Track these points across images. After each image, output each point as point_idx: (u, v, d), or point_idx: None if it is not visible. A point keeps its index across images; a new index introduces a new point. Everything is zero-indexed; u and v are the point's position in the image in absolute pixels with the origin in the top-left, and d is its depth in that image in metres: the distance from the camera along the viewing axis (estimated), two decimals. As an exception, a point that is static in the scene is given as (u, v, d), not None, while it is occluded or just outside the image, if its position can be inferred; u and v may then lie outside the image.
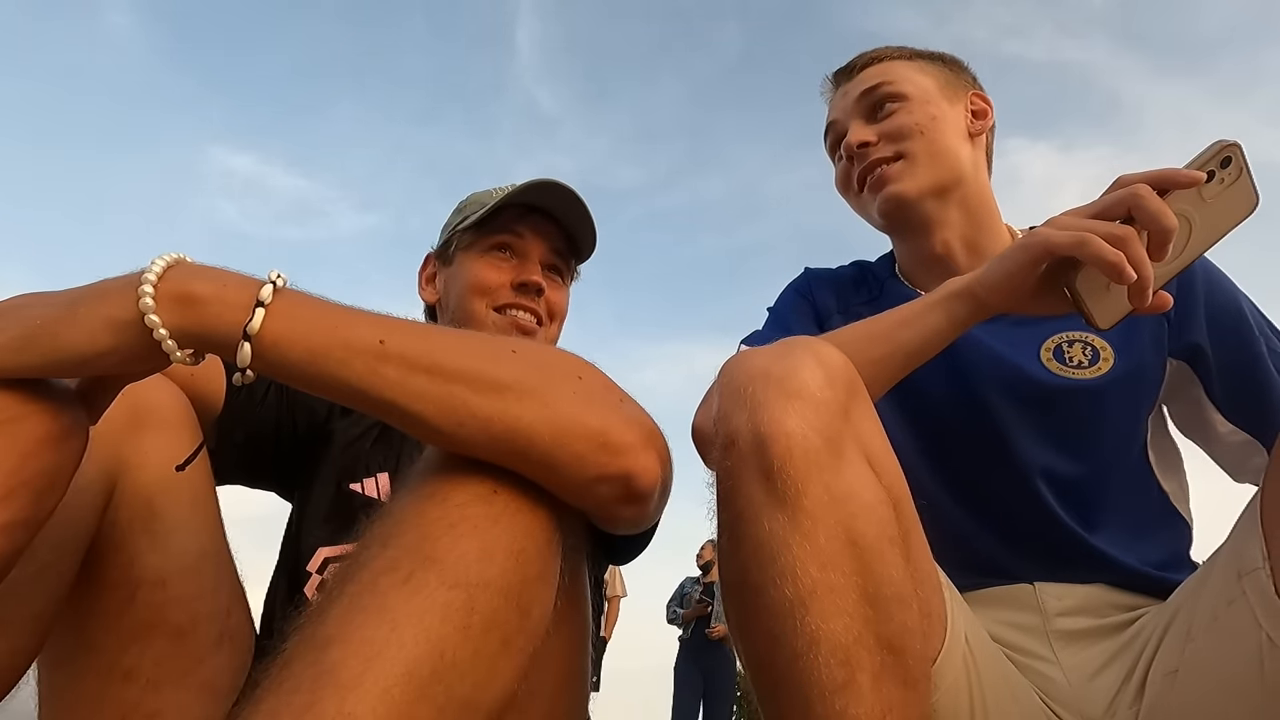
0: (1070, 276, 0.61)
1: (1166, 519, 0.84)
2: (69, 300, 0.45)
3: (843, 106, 0.95)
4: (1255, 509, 0.61)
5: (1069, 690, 0.73)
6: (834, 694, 0.47)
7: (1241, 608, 0.59)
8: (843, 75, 0.97)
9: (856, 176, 0.92)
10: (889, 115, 0.90)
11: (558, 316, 0.99)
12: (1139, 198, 0.58)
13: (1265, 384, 0.80)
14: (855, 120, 0.92)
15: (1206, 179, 0.60)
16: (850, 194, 0.96)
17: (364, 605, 0.40)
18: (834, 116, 0.96)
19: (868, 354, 0.66)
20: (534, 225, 0.97)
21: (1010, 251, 0.65)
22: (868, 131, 0.90)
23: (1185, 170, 0.60)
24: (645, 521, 0.55)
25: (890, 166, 0.88)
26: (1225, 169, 0.60)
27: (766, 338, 0.92)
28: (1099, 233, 0.58)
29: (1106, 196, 0.61)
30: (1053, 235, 0.61)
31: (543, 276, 0.96)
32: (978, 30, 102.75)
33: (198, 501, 0.65)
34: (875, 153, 0.89)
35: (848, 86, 0.95)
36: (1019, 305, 0.66)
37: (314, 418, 0.90)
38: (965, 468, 0.83)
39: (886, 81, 0.91)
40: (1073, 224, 0.60)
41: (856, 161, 0.91)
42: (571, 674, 0.61)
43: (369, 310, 0.49)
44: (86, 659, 0.60)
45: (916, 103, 0.90)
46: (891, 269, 0.97)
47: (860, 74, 0.94)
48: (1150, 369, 0.82)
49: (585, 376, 0.50)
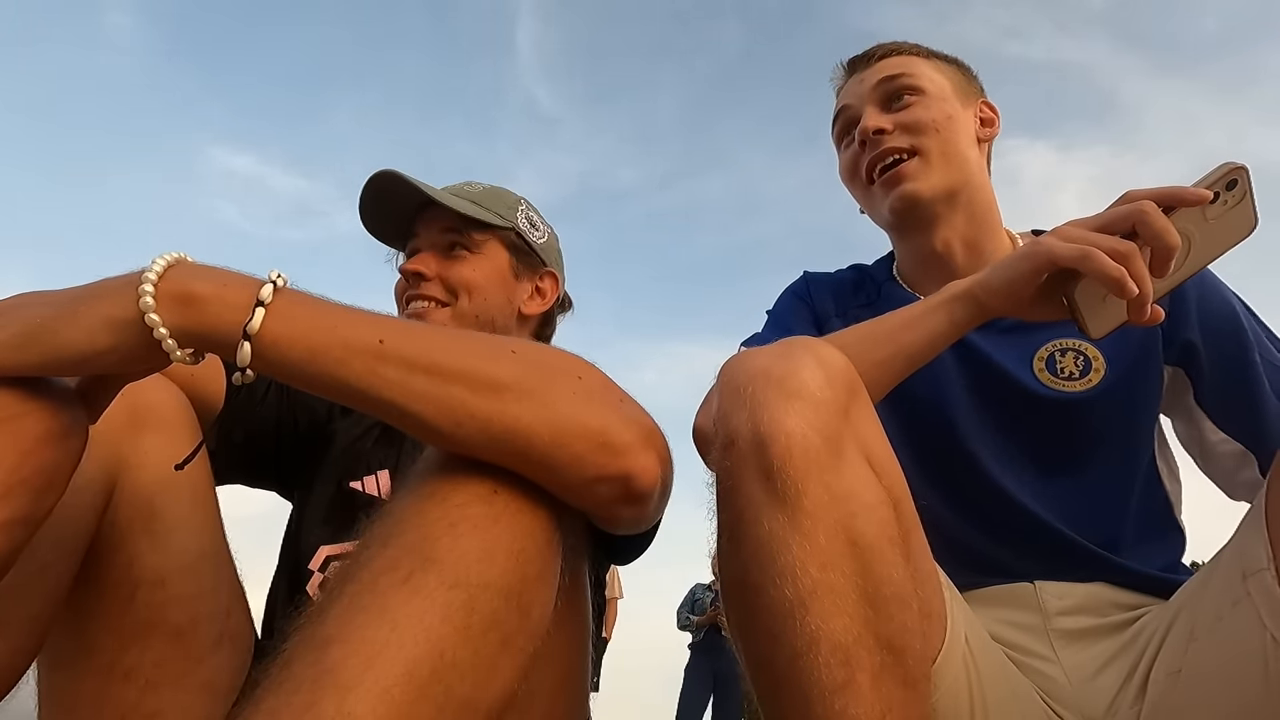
0: (1070, 286, 0.62)
1: (1168, 526, 0.84)
2: (69, 299, 0.45)
3: (857, 92, 0.92)
4: (1260, 510, 0.61)
5: (1069, 689, 0.73)
6: (834, 694, 0.47)
7: (1246, 608, 0.59)
8: (860, 62, 0.94)
9: (866, 164, 0.89)
10: (906, 106, 0.88)
11: (463, 288, 0.94)
12: (1145, 214, 0.59)
13: (1256, 390, 0.78)
14: (870, 107, 0.90)
15: (1212, 199, 0.61)
16: (856, 182, 0.93)
17: (364, 605, 0.40)
18: (846, 101, 0.93)
19: (871, 356, 0.67)
20: (384, 223, 0.99)
21: (1014, 259, 0.65)
22: (883, 119, 0.88)
23: (1192, 189, 0.60)
24: (645, 521, 0.54)
25: (906, 164, 0.86)
26: (1230, 191, 0.61)
27: (766, 340, 0.91)
28: (1103, 247, 0.58)
29: (1112, 210, 0.62)
30: (1057, 246, 0.61)
31: (429, 260, 0.94)
32: (977, 30, 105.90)
33: (197, 501, 0.65)
34: (889, 141, 0.87)
35: (864, 74, 0.92)
36: (1017, 310, 0.67)
37: (315, 417, 0.90)
38: (961, 473, 0.83)
39: (906, 74, 0.89)
40: (1077, 236, 0.61)
41: (868, 148, 0.88)
42: (571, 674, 0.61)
43: (369, 310, 0.49)
44: (86, 659, 0.60)
45: (934, 99, 0.88)
46: (889, 272, 0.97)
47: (878, 63, 0.92)
48: (1146, 377, 0.82)
49: (585, 376, 0.50)
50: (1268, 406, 0.77)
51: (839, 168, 0.97)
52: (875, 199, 0.90)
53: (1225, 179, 0.61)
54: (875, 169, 0.89)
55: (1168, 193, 0.60)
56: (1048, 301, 0.65)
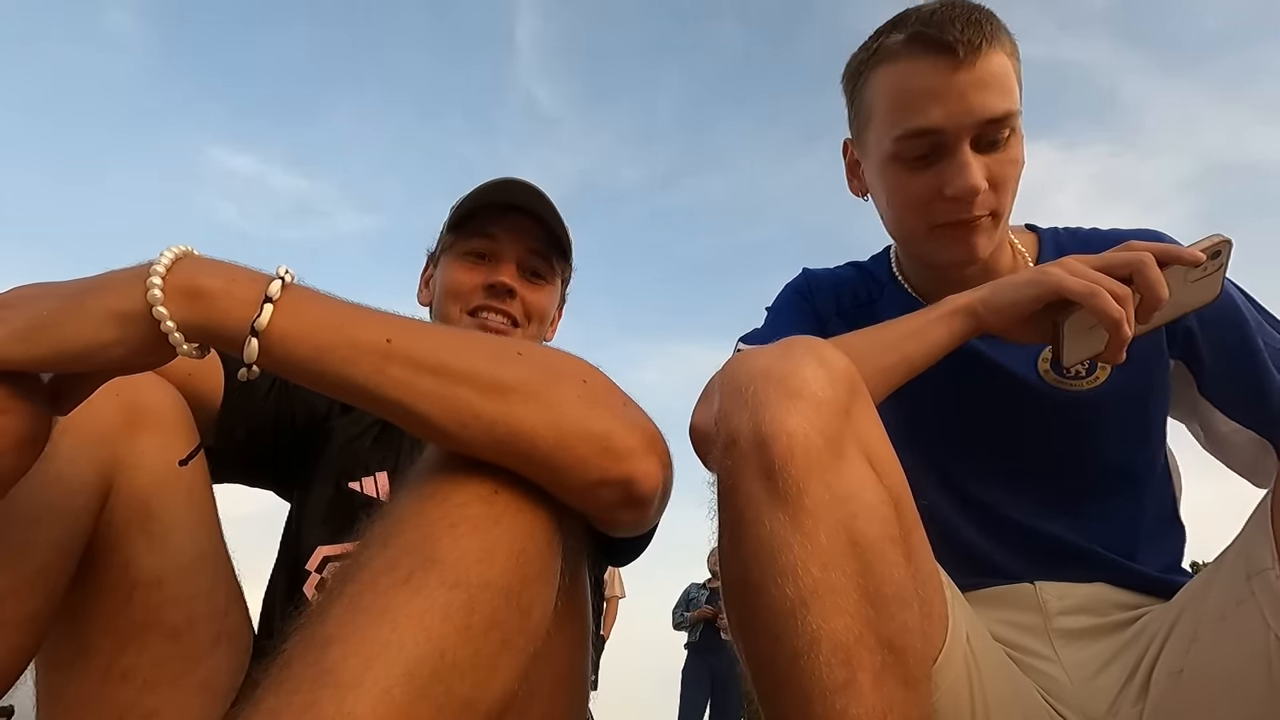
0: (1062, 315, 0.67)
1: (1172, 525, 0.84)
2: (75, 291, 0.44)
3: (957, 117, 0.72)
4: (1266, 510, 0.61)
5: (1071, 689, 0.73)
6: (835, 694, 0.47)
7: (1250, 609, 0.59)
8: (962, 49, 0.71)
9: (947, 219, 0.76)
10: (998, 151, 0.74)
11: (536, 317, 0.97)
12: (1145, 265, 0.64)
13: (1262, 376, 0.77)
14: (967, 145, 0.73)
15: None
16: (919, 219, 0.78)
17: (364, 605, 0.40)
18: (939, 124, 0.72)
19: (878, 362, 0.68)
20: (509, 225, 0.95)
21: (1021, 284, 0.68)
22: (981, 173, 0.73)
23: (1189, 250, 0.66)
24: (645, 525, 0.55)
25: (982, 220, 0.76)
26: (1214, 259, 0.67)
27: (765, 337, 0.91)
28: (1105, 288, 0.63)
29: (1115, 255, 0.67)
30: (1066, 279, 0.65)
31: (517, 277, 0.95)
32: None
33: (194, 502, 0.65)
34: (978, 209, 0.75)
35: (964, 82, 0.71)
36: (1008, 329, 0.70)
37: (313, 415, 0.90)
38: (964, 472, 0.83)
39: (1013, 111, 0.73)
40: (1084, 273, 0.65)
41: (958, 206, 0.75)
42: (571, 674, 0.61)
43: (376, 309, 0.49)
44: (84, 659, 0.60)
45: (1019, 139, 0.76)
46: (889, 270, 0.97)
47: (982, 64, 0.71)
48: (1153, 373, 0.81)
49: (589, 380, 0.50)
50: (1274, 390, 0.76)
51: (893, 183, 0.79)
52: (935, 242, 0.79)
53: (1214, 248, 0.67)
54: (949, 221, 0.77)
55: (1166, 250, 0.65)
56: (1037, 325, 0.69)
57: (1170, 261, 0.65)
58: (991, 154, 0.74)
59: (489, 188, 0.95)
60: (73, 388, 0.48)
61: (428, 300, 1.03)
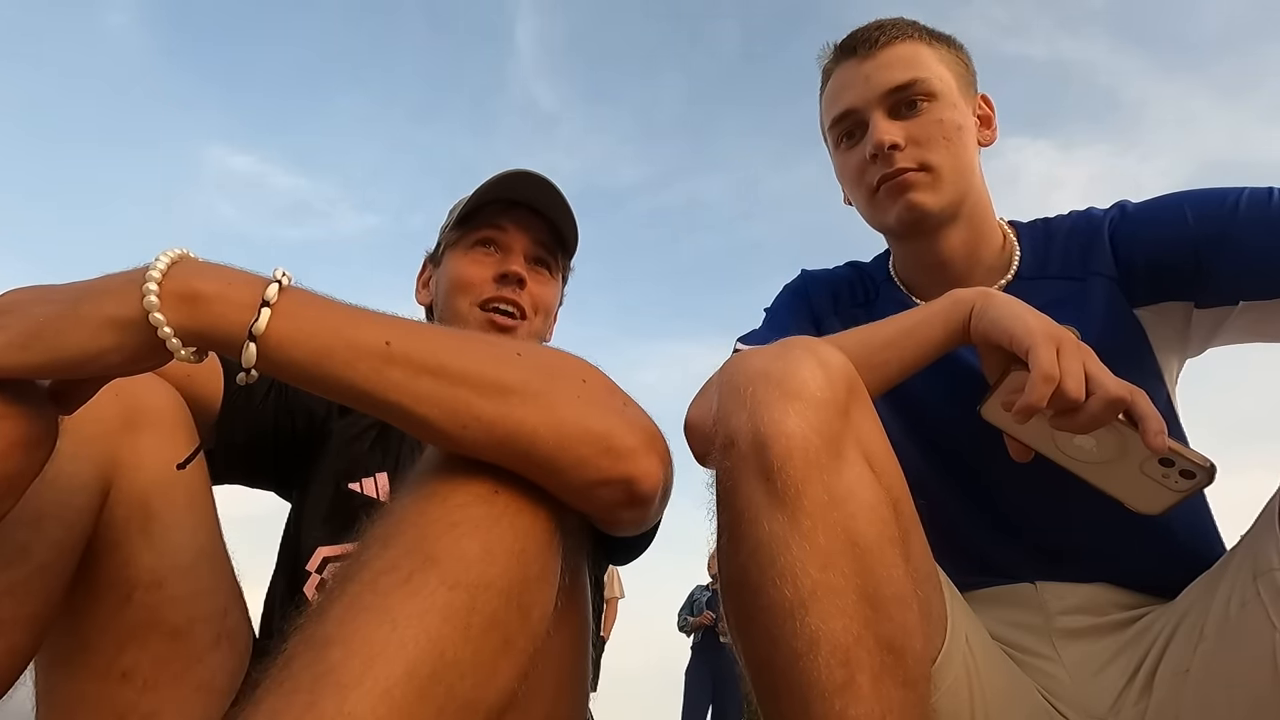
0: (1017, 365, 0.63)
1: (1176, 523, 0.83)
2: (71, 297, 0.44)
3: (863, 94, 0.85)
4: (1273, 511, 0.61)
5: (1072, 688, 0.73)
6: (834, 694, 0.47)
7: (1256, 609, 0.59)
8: (861, 48, 0.86)
9: (878, 178, 0.84)
10: (917, 114, 0.83)
11: (542, 310, 0.98)
12: (1115, 401, 0.57)
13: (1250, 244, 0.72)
14: (878, 113, 0.84)
15: (1166, 457, 0.59)
16: (860, 189, 0.88)
17: (365, 605, 0.40)
18: (851, 104, 0.86)
19: (873, 360, 0.68)
20: (516, 218, 0.96)
21: (1020, 324, 0.63)
22: (896, 132, 0.82)
23: (1159, 437, 0.57)
24: (646, 523, 0.54)
25: (915, 174, 0.83)
26: (1183, 476, 0.60)
27: (763, 337, 0.91)
28: (1067, 384, 0.57)
29: (1106, 373, 0.59)
30: (1034, 335, 0.60)
31: (526, 269, 0.96)
32: (977, 28, 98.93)
33: (194, 502, 0.65)
34: (901, 161, 0.82)
35: (868, 68, 0.85)
36: (982, 350, 0.69)
37: (313, 416, 0.90)
38: (962, 470, 0.83)
39: (919, 78, 0.83)
40: (1067, 366, 0.59)
41: (880, 163, 0.84)
42: (572, 674, 0.61)
43: (374, 310, 0.48)
44: (83, 659, 0.60)
45: (945, 105, 0.84)
46: (886, 271, 0.97)
47: (883, 53, 0.85)
48: (1144, 373, 0.78)
49: (589, 380, 0.50)
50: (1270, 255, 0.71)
51: (837, 167, 0.93)
52: (879, 206, 0.87)
53: (1195, 466, 0.59)
54: (883, 182, 0.85)
55: (1154, 421, 0.58)
56: (996, 358, 0.67)
57: (1151, 428, 0.57)
58: (911, 117, 0.84)
59: (496, 182, 0.95)
60: (74, 389, 0.48)
61: (426, 300, 1.04)
